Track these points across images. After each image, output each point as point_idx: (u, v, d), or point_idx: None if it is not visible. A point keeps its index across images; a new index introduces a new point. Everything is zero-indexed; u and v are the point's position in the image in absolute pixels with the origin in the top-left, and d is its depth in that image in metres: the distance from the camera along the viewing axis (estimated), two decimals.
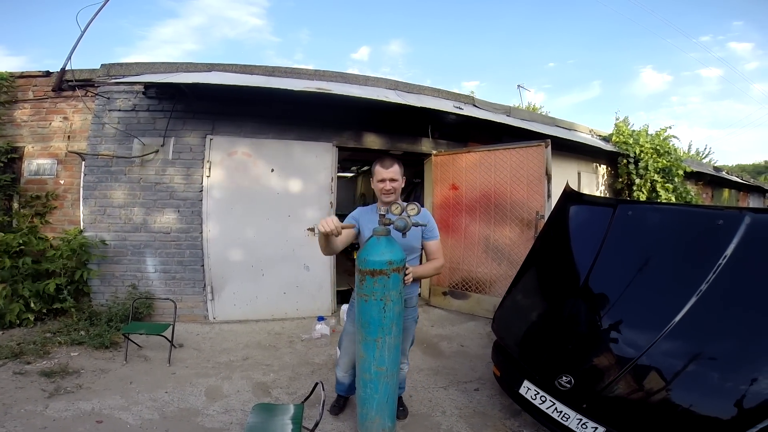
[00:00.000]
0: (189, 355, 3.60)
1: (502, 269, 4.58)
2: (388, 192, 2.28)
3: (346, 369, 2.53)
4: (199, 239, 4.38)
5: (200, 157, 4.40)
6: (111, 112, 4.34)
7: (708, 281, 1.89)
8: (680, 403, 1.79)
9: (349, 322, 2.49)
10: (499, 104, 6.07)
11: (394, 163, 2.29)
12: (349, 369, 2.51)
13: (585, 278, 2.43)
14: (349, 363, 2.48)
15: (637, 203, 4.15)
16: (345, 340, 2.51)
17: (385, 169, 2.27)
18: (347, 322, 2.52)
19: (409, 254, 2.29)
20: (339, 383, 2.66)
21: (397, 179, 2.29)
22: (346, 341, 2.49)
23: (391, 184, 2.27)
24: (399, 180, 2.30)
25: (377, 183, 2.30)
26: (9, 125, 4.37)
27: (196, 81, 3.65)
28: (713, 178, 10.61)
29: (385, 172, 2.27)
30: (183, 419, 2.59)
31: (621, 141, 7.15)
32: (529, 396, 2.30)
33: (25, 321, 3.84)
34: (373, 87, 4.99)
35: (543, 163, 4.29)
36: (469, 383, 3.19)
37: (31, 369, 3.09)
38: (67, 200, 4.35)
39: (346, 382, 2.60)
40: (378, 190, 2.32)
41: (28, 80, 4.43)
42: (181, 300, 4.26)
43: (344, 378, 2.57)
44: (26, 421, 2.43)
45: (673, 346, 1.87)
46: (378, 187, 2.31)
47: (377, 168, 2.30)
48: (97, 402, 2.70)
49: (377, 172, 2.30)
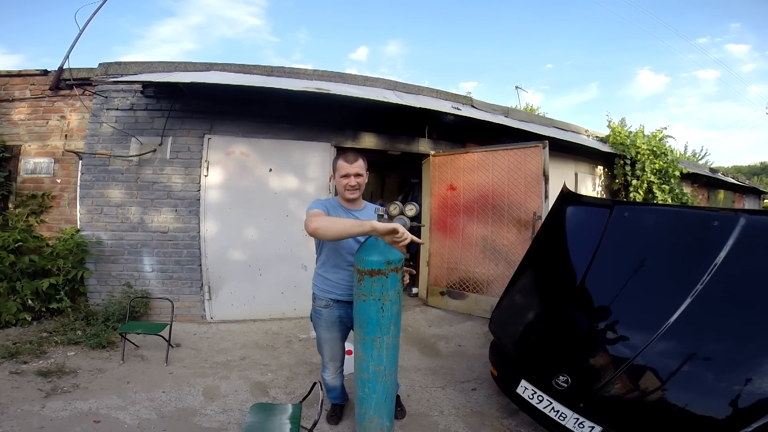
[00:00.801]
0: (186, 354, 3.60)
1: (499, 269, 4.60)
2: (352, 188, 2.18)
3: (334, 371, 2.47)
4: (196, 239, 4.38)
5: (198, 157, 4.39)
6: (109, 111, 4.33)
7: (703, 282, 1.91)
8: (676, 402, 1.80)
9: (322, 329, 2.33)
10: (498, 105, 6.09)
11: (359, 158, 2.19)
12: (337, 371, 2.48)
13: (582, 279, 2.44)
14: (337, 365, 2.45)
15: (634, 204, 4.17)
16: (324, 347, 2.39)
17: (349, 164, 2.15)
18: (319, 329, 2.35)
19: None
20: (330, 390, 2.55)
21: (362, 174, 2.19)
22: (326, 347, 2.38)
23: (356, 179, 2.16)
24: (364, 175, 2.20)
25: (340, 179, 2.19)
26: (5, 124, 4.35)
27: (195, 80, 3.65)
28: (709, 180, 10.67)
29: (350, 167, 2.15)
30: (180, 419, 2.59)
31: (618, 142, 7.18)
32: (526, 395, 2.31)
33: (21, 320, 3.82)
34: (372, 87, 5.00)
35: (541, 164, 4.31)
36: (467, 383, 3.21)
37: (27, 369, 3.07)
38: (64, 199, 4.33)
39: (338, 385, 2.54)
40: (341, 186, 2.20)
41: (26, 79, 4.42)
42: (179, 300, 4.26)
43: (334, 380, 2.50)
44: (23, 421, 2.42)
45: (669, 347, 1.88)
46: (342, 183, 2.19)
47: (340, 163, 2.18)
48: (94, 402, 2.70)
49: (340, 167, 2.18)
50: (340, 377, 2.52)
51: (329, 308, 2.29)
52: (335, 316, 2.29)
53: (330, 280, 2.27)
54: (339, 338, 2.37)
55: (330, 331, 2.33)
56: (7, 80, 4.39)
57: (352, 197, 2.21)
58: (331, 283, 2.27)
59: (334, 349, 2.39)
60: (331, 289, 2.27)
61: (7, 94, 4.37)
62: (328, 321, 2.30)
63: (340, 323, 2.31)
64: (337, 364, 2.45)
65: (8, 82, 4.39)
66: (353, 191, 2.19)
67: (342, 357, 2.47)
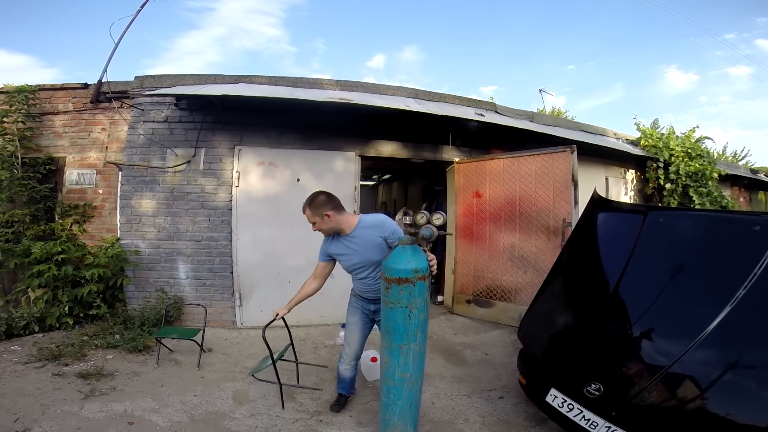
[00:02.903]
0: (217, 359, 3.69)
1: (528, 277, 4.51)
2: (316, 230, 2.48)
3: (348, 361, 2.67)
4: (228, 247, 4.51)
5: (229, 168, 4.54)
6: (145, 123, 4.53)
7: (745, 288, 1.83)
8: (716, 411, 1.74)
9: (348, 314, 2.68)
10: (522, 110, 6.02)
11: (306, 208, 2.43)
12: (352, 362, 2.68)
13: (615, 286, 2.39)
14: (352, 355, 2.66)
15: (669, 210, 4.01)
16: (347, 332, 2.68)
17: (303, 213, 2.46)
18: (347, 314, 2.69)
19: (370, 269, 2.45)
20: (340, 380, 2.79)
21: (314, 220, 2.42)
22: (348, 333, 2.67)
23: (314, 226, 2.45)
24: (316, 220, 2.42)
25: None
26: (51, 136, 4.61)
27: (225, 93, 3.79)
28: (750, 181, 10.13)
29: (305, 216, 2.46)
30: (210, 422, 2.66)
31: (650, 145, 6.93)
32: (555, 404, 2.26)
33: (64, 324, 4.02)
34: (394, 96, 5.04)
35: (569, 169, 4.22)
36: (494, 391, 3.15)
37: (68, 371, 3.23)
38: (105, 209, 4.56)
39: (348, 377, 2.74)
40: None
41: (68, 92, 4.67)
42: (211, 306, 4.37)
43: (346, 372, 2.71)
44: (62, 421, 2.54)
45: (708, 355, 1.82)
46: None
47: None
48: (130, 404, 2.80)
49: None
50: (352, 371, 2.72)
51: (355, 296, 2.67)
52: (359, 304, 2.63)
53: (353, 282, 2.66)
54: (358, 326, 2.63)
55: (353, 315, 2.65)
56: (51, 93, 4.64)
57: (323, 234, 2.53)
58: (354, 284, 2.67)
59: (353, 335, 2.64)
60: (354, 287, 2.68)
61: (51, 107, 4.63)
62: (353, 306, 2.67)
63: (361, 312, 2.62)
64: (350, 352, 2.66)
65: (52, 95, 4.64)
66: (317, 230, 2.49)
67: (356, 351, 2.68)
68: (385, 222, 2.41)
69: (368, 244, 2.38)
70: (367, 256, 2.40)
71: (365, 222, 2.44)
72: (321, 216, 2.39)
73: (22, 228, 4.20)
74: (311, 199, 2.42)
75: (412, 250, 2.08)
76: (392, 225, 2.41)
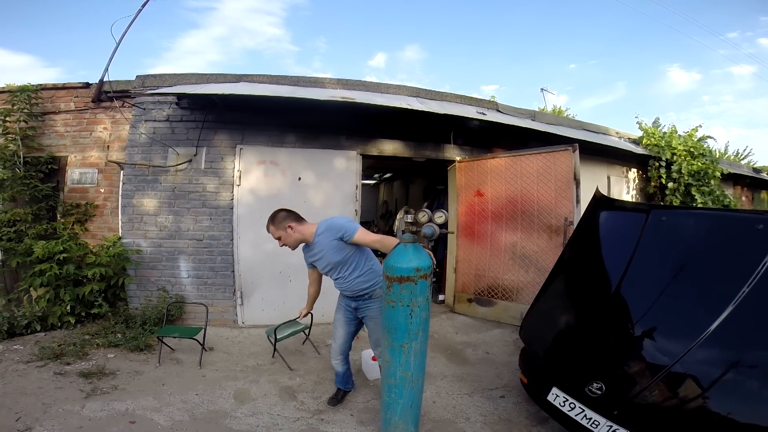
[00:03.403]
0: (219, 358, 3.70)
1: (529, 276, 4.50)
2: (282, 245, 2.62)
3: (335, 355, 2.80)
4: (230, 246, 4.51)
5: (231, 167, 4.54)
6: (147, 122, 4.53)
7: (748, 286, 1.82)
8: (717, 410, 1.74)
9: (335, 311, 2.80)
10: (524, 109, 6.00)
11: (269, 225, 2.58)
12: (339, 356, 2.80)
13: (617, 285, 2.38)
14: (338, 349, 2.78)
15: (671, 208, 4.00)
16: (333, 327, 2.81)
17: (268, 232, 2.61)
18: (335, 310, 2.81)
19: (338, 269, 2.56)
20: (335, 375, 2.93)
21: (279, 235, 2.57)
22: (334, 328, 2.80)
23: (279, 242, 2.59)
24: (281, 235, 2.56)
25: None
26: (53, 135, 4.62)
27: (227, 92, 3.78)
28: (753, 180, 10.09)
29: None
30: (212, 421, 2.66)
31: (652, 144, 6.91)
32: (557, 403, 2.26)
33: (66, 323, 4.03)
34: (395, 95, 5.03)
35: (571, 167, 4.21)
36: (495, 390, 3.15)
37: (70, 370, 3.23)
38: (107, 208, 4.56)
39: (340, 371, 2.86)
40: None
41: (70, 91, 4.67)
42: (212, 304, 4.38)
43: (337, 366, 2.84)
44: (63, 420, 2.55)
45: (710, 354, 1.81)
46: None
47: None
48: (131, 403, 2.81)
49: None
50: (342, 365, 2.83)
51: (340, 295, 2.78)
52: (342, 301, 2.77)
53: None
54: (342, 322, 2.75)
55: (338, 312, 2.78)
56: (53, 93, 4.65)
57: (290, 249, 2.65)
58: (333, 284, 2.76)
59: (337, 331, 2.77)
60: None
61: (53, 106, 4.63)
62: (339, 303, 2.80)
63: (344, 309, 2.75)
64: (335, 347, 2.79)
65: (54, 94, 4.65)
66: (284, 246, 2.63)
67: (341, 346, 2.78)
68: (333, 224, 2.51)
69: (327, 248, 2.51)
70: (329, 258, 2.53)
71: (320, 228, 2.55)
72: (284, 229, 2.55)
73: (24, 227, 4.20)
74: (273, 217, 2.59)
75: (413, 249, 2.07)
76: (342, 224, 2.50)
